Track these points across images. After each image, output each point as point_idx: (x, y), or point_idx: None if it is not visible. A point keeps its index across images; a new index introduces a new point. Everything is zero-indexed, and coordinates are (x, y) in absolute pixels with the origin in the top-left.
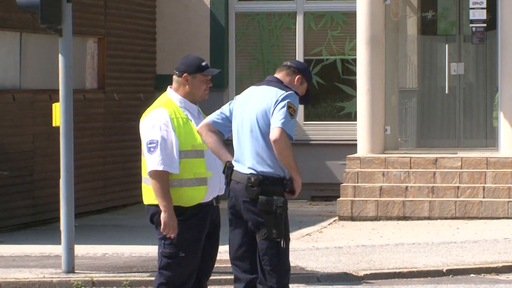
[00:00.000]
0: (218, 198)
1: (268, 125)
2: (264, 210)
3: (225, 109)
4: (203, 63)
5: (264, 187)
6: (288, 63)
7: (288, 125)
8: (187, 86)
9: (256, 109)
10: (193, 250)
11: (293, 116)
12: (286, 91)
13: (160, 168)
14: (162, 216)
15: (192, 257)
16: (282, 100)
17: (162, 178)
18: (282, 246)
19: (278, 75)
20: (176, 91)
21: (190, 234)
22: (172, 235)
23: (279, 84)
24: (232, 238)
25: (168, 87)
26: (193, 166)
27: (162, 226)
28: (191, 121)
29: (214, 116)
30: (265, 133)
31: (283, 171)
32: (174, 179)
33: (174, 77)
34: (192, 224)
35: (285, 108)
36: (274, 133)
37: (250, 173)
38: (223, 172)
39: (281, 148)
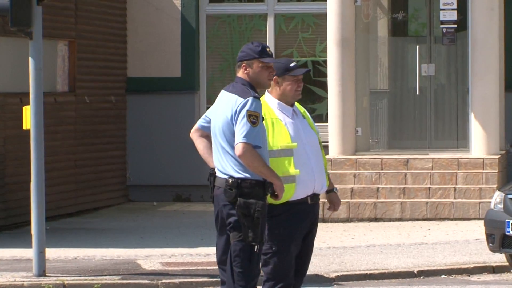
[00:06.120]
0: (315, 196)
1: (232, 134)
2: (242, 212)
3: (208, 111)
4: (291, 64)
5: (242, 190)
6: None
7: (251, 136)
8: (278, 88)
9: (221, 119)
10: (285, 245)
11: (256, 124)
12: (245, 98)
13: None
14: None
15: (285, 252)
16: (241, 109)
17: None
18: (255, 250)
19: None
20: (271, 94)
21: (281, 230)
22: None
23: (242, 86)
24: (218, 243)
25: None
26: (281, 165)
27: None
28: (281, 121)
29: (201, 121)
30: (232, 143)
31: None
32: None
33: None
34: (282, 220)
35: (245, 119)
36: (237, 150)
37: (229, 176)
38: (207, 179)
39: (248, 162)
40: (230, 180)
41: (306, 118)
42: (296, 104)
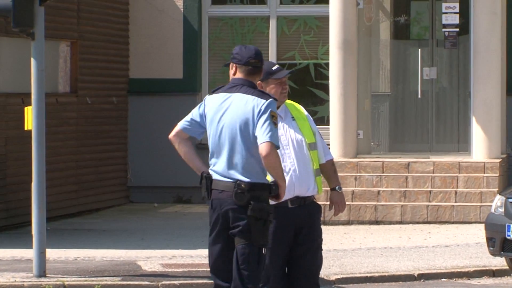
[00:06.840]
0: (298, 199)
1: (250, 135)
2: (254, 216)
3: (194, 114)
4: (274, 67)
5: (253, 193)
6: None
7: (274, 136)
8: None
9: (238, 120)
10: (268, 249)
11: (276, 125)
12: (266, 99)
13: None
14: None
15: (268, 256)
16: (265, 110)
17: None
18: (263, 252)
19: (245, 76)
20: None
21: None
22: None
23: (254, 89)
24: (212, 248)
25: None
26: None
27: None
28: None
29: (184, 122)
30: (248, 144)
31: (267, 179)
32: None
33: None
34: None
35: (269, 119)
36: (264, 149)
37: (239, 180)
38: (200, 183)
39: (271, 162)
40: (243, 184)
41: (297, 119)
42: (291, 103)
